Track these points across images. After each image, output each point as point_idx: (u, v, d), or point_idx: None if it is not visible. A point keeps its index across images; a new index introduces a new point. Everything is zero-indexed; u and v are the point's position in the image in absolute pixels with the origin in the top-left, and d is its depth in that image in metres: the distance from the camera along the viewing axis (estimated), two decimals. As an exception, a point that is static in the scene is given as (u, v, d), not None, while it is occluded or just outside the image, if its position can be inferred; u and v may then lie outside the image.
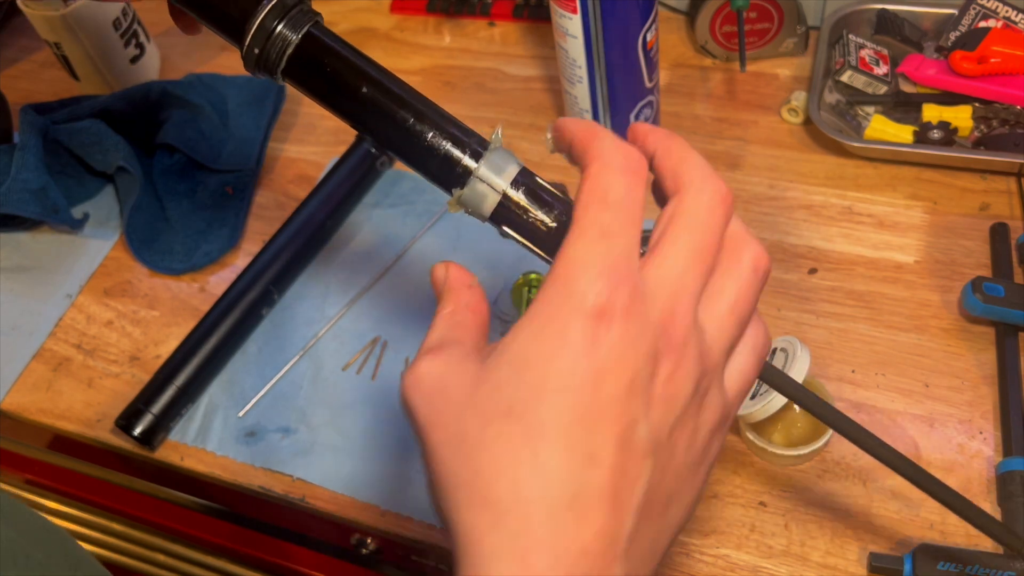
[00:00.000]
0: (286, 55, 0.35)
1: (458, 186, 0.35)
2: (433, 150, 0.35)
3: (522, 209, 0.34)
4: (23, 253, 0.75)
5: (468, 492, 0.27)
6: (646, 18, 0.61)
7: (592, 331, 0.26)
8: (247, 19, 0.35)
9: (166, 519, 0.60)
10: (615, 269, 0.27)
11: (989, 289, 0.55)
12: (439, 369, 0.29)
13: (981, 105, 0.66)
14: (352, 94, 0.35)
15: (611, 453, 0.26)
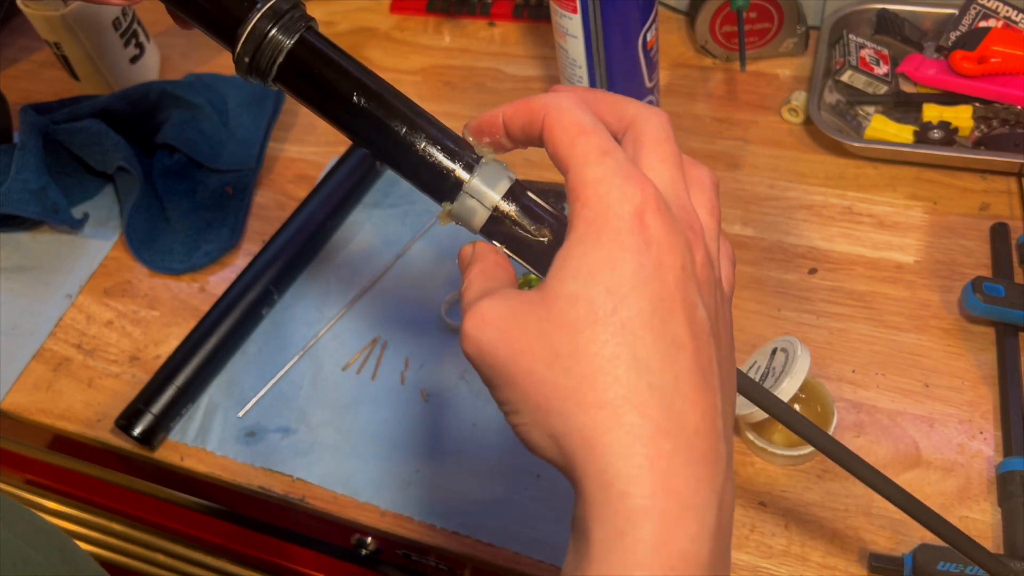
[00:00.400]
0: (277, 62, 0.35)
1: (449, 199, 0.35)
2: (424, 161, 0.35)
3: (513, 224, 0.34)
4: (23, 253, 0.75)
5: (577, 399, 0.27)
6: (646, 18, 0.61)
7: (640, 230, 0.28)
8: (240, 24, 0.34)
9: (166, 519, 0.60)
10: (632, 174, 0.29)
11: (989, 289, 0.55)
12: (501, 304, 0.30)
13: (981, 105, 0.66)
14: (344, 102, 0.35)
15: (688, 336, 0.28)
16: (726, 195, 0.67)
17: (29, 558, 0.41)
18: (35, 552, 0.41)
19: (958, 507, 0.51)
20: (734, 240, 0.65)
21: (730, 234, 0.65)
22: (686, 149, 0.71)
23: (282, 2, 0.35)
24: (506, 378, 0.29)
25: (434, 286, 0.66)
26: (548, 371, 0.28)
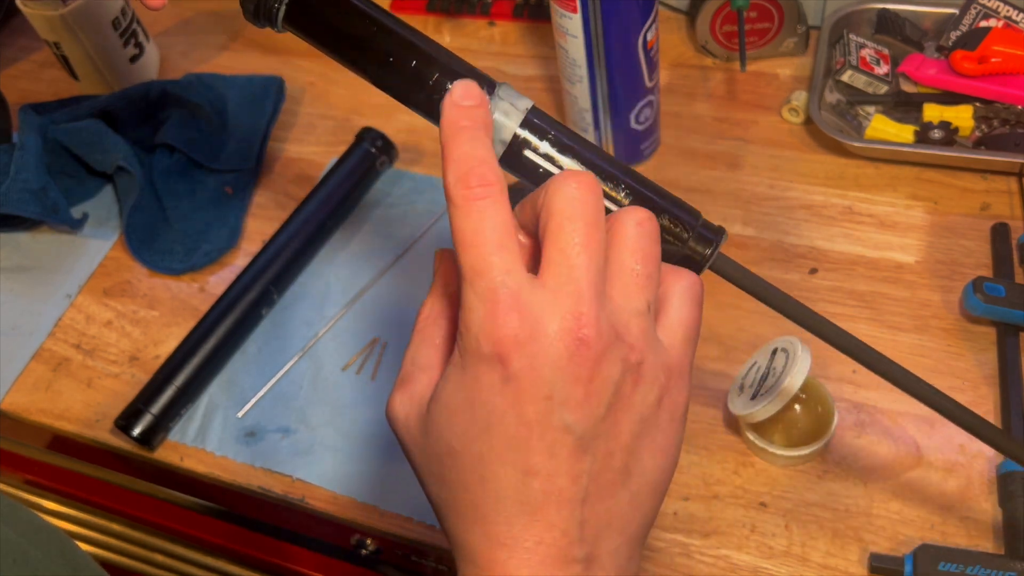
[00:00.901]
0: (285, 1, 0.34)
1: None
2: (439, 94, 0.33)
3: (532, 153, 0.33)
4: (23, 253, 0.74)
5: (443, 509, 0.32)
6: (646, 18, 0.61)
7: (496, 372, 0.29)
8: None
9: (165, 519, 0.60)
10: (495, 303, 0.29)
11: (990, 289, 0.55)
12: (404, 407, 0.33)
13: (982, 105, 0.66)
14: (354, 39, 0.34)
15: (545, 463, 0.29)
16: (727, 195, 0.67)
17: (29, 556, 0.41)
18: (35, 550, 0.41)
19: (959, 507, 0.51)
20: (735, 240, 0.65)
21: (731, 234, 0.65)
22: (687, 149, 0.71)
23: None
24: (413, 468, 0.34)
25: (434, 286, 0.66)
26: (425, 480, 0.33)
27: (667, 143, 0.72)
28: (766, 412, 0.50)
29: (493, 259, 0.29)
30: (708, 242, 0.34)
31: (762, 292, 0.35)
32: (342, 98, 0.81)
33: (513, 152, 0.33)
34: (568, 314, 0.29)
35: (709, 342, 0.59)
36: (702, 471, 0.54)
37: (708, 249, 0.34)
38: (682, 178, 0.69)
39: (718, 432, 0.55)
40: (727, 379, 0.57)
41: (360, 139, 0.72)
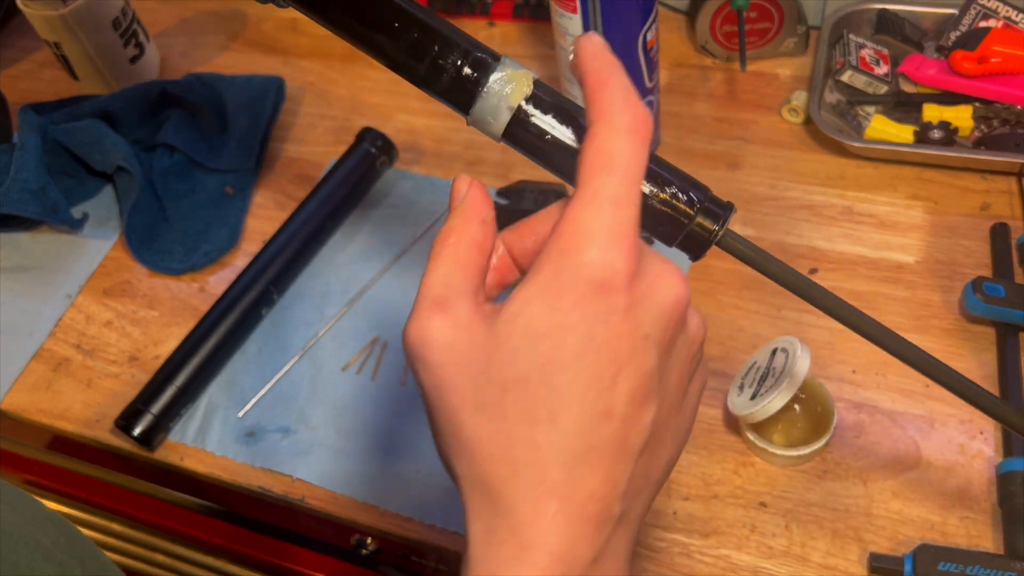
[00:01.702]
0: None
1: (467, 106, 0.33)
2: (440, 67, 0.33)
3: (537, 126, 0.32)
4: (22, 253, 0.74)
5: (486, 449, 0.28)
6: (646, 18, 0.61)
7: (605, 302, 0.27)
8: None
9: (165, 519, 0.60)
10: (623, 238, 0.28)
11: (990, 289, 0.55)
12: (449, 332, 0.29)
13: (981, 105, 0.66)
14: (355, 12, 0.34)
15: (623, 407, 0.28)
16: (726, 195, 0.66)
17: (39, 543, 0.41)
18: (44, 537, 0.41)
19: (958, 507, 0.51)
20: (734, 240, 0.65)
21: (730, 234, 0.65)
22: (687, 149, 0.71)
23: None
24: (432, 401, 0.30)
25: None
26: (470, 417, 0.28)
27: (667, 143, 0.72)
28: (765, 412, 0.50)
29: (632, 195, 0.28)
30: (716, 217, 0.33)
31: (771, 268, 0.34)
32: (342, 98, 0.81)
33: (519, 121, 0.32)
34: (667, 262, 0.29)
35: (709, 342, 0.59)
36: (702, 471, 0.54)
37: (716, 224, 0.33)
38: (682, 178, 0.69)
39: (718, 432, 0.56)
40: (727, 379, 0.57)
41: (360, 139, 0.72)
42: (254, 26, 0.90)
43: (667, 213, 0.32)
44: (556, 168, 0.33)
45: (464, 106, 0.33)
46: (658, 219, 0.32)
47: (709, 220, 0.33)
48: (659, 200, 0.32)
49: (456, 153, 0.74)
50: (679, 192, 0.32)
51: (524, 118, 0.32)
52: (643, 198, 0.31)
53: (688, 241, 0.33)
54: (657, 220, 0.32)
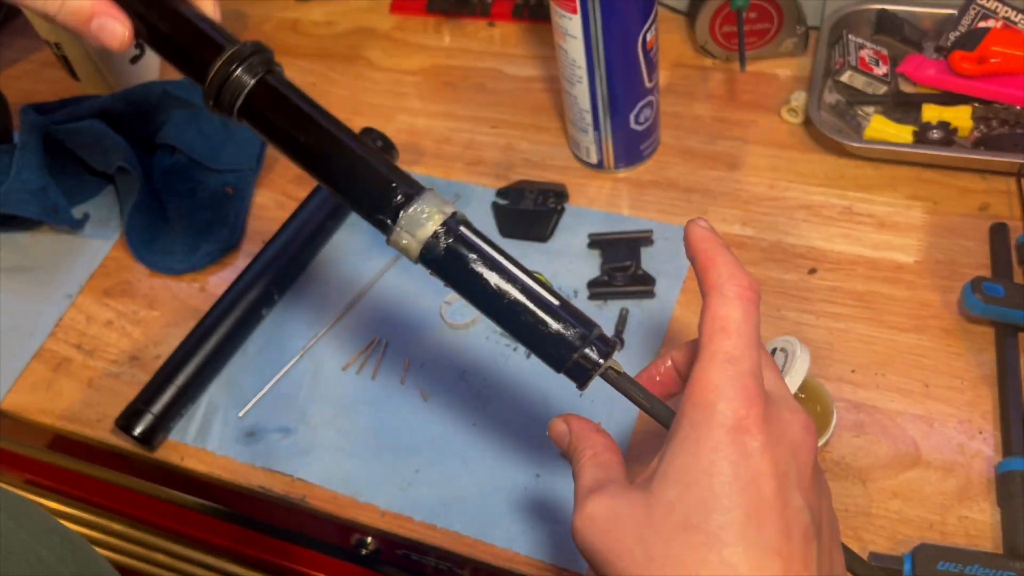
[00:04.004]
0: (239, 99, 0.38)
1: (388, 231, 0.38)
2: (367, 195, 0.37)
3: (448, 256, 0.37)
4: (23, 253, 0.75)
5: None
6: (646, 18, 0.61)
7: (741, 443, 0.31)
8: (208, 65, 0.38)
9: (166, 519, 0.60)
10: (746, 388, 0.32)
11: (989, 289, 0.55)
12: (607, 504, 0.33)
13: (981, 105, 0.66)
14: (297, 140, 0.38)
15: (783, 542, 0.30)
16: (726, 195, 0.67)
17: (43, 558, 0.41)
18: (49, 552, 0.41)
19: (958, 507, 0.51)
20: (734, 240, 0.65)
21: (730, 234, 0.65)
22: (686, 149, 0.71)
23: (245, 48, 0.38)
24: (607, 571, 0.32)
25: (434, 286, 0.66)
26: (638, 570, 0.31)
27: (667, 143, 0.72)
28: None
29: (749, 351, 0.32)
30: (602, 352, 0.36)
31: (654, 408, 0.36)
32: (342, 98, 0.81)
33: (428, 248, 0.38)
34: (797, 410, 0.34)
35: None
36: (702, 471, 0.54)
37: (601, 357, 0.36)
38: (681, 178, 0.69)
39: (717, 432, 0.56)
40: (726, 379, 0.57)
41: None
42: (255, 27, 0.90)
43: (558, 342, 0.35)
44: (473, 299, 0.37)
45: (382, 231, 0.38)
46: (548, 346, 0.36)
47: (595, 353, 0.36)
48: (551, 330, 0.35)
49: (456, 153, 0.74)
50: (571, 326, 0.36)
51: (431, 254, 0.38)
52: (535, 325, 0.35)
53: (574, 370, 0.36)
54: (547, 347, 0.36)
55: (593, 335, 0.36)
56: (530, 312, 0.36)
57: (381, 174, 0.37)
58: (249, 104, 0.38)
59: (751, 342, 0.33)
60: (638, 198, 0.69)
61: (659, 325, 0.61)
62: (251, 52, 0.38)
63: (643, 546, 0.31)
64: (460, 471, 0.56)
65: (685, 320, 0.61)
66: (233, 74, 0.38)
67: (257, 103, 0.38)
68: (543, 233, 0.67)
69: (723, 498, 0.30)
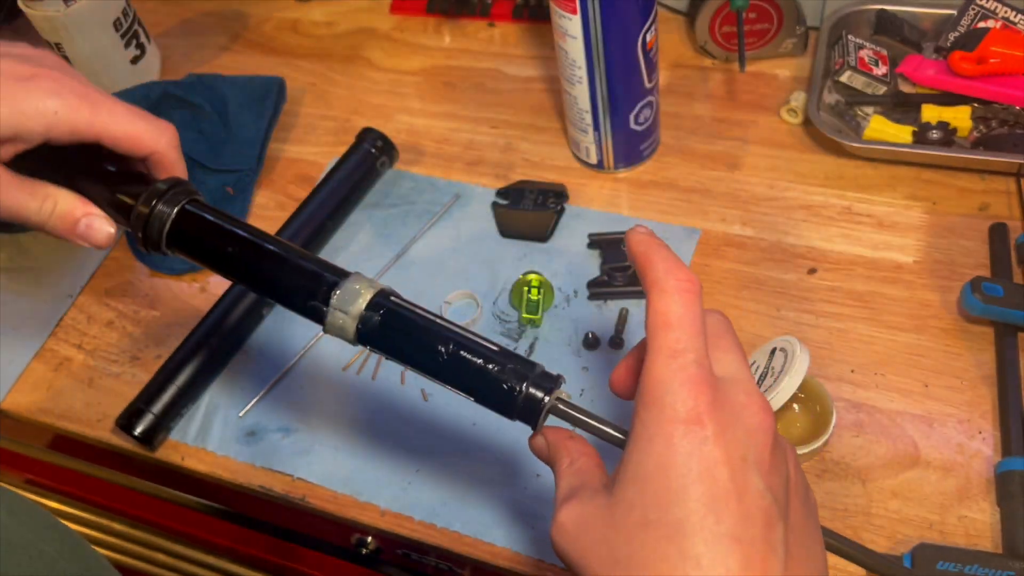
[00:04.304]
0: (164, 232, 0.41)
1: (323, 314, 0.38)
2: (298, 288, 0.39)
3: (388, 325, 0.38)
4: (24, 254, 0.75)
5: None
6: (646, 18, 0.61)
7: (692, 434, 0.31)
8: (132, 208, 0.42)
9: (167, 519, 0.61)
10: (691, 379, 0.32)
11: (988, 289, 0.55)
12: (575, 512, 0.34)
13: (980, 105, 0.66)
14: (223, 258, 0.41)
15: (743, 527, 0.30)
16: (726, 195, 0.68)
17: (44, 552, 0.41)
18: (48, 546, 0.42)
19: (957, 507, 0.51)
20: (733, 240, 0.65)
21: (729, 234, 0.65)
22: (686, 149, 0.71)
23: (162, 184, 0.42)
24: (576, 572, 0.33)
25: (434, 286, 0.66)
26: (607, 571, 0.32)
27: (666, 143, 0.72)
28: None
29: (693, 342, 0.32)
30: (545, 389, 0.36)
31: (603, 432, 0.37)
32: (342, 99, 0.81)
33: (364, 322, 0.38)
34: (753, 391, 0.33)
35: (708, 342, 0.60)
36: (701, 470, 0.54)
37: (545, 394, 0.36)
38: (681, 178, 0.69)
39: (717, 431, 0.56)
40: (726, 379, 0.57)
41: (360, 140, 0.72)
42: (255, 27, 0.90)
43: (500, 388, 0.36)
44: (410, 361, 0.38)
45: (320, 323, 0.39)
46: (494, 395, 0.37)
47: (539, 391, 0.36)
48: (492, 376, 0.36)
49: (456, 154, 0.74)
50: (511, 372, 0.36)
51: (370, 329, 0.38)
52: (479, 374, 0.36)
53: (524, 412, 0.37)
54: (493, 395, 0.37)
55: (535, 374, 0.37)
56: (472, 364, 0.37)
57: (308, 267, 0.39)
58: (175, 233, 0.41)
59: (694, 332, 0.33)
60: (638, 198, 0.69)
61: (659, 325, 0.61)
62: (169, 187, 0.41)
63: (608, 547, 0.32)
64: (460, 471, 0.56)
65: (685, 320, 0.61)
66: (155, 209, 0.41)
67: (183, 231, 0.41)
68: (543, 233, 0.67)
69: (678, 491, 0.30)
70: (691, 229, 0.66)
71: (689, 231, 0.66)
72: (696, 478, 0.30)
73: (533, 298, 0.61)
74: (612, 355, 0.60)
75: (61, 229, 0.43)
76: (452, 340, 0.37)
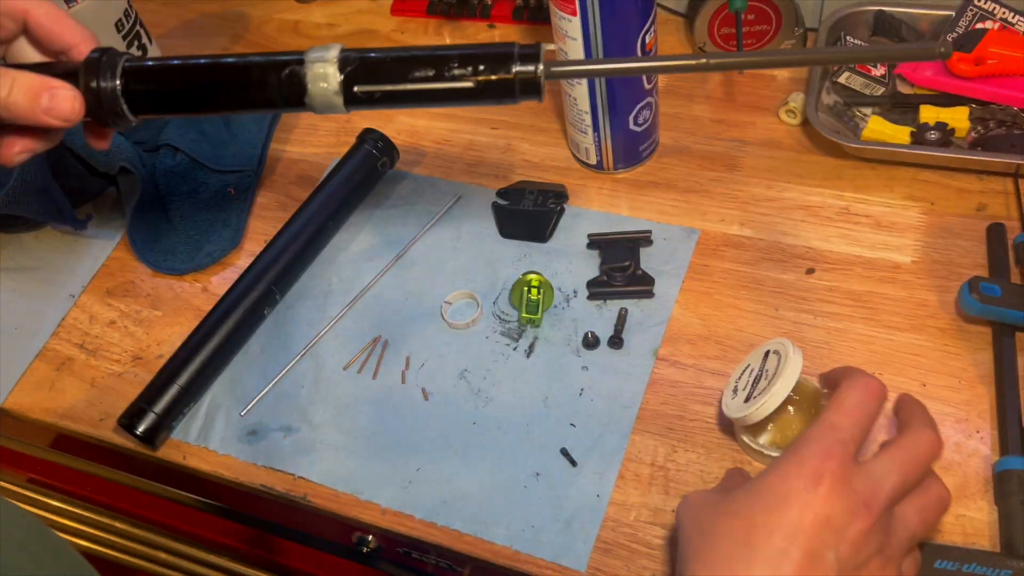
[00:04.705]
0: (122, 100, 0.39)
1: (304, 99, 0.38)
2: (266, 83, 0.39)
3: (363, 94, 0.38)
4: (26, 253, 0.75)
5: (698, 560, 0.41)
6: (645, 20, 0.61)
7: (810, 484, 0.39)
8: None
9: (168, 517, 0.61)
10: (832, 448, 0.40)
11: (986, 289, 0.55)
12: (701, 494, 0.45)
13: (978, 106, 0.67)
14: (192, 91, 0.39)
15: (800, 562, 0.38)
16: (724, 196, 0.68)
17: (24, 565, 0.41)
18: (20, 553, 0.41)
19: (955, 506, 0.51)
20: (732, 241, 0.65)
21: (728, 235, 0.65)
22: (685, 150, 0.71)
23: (93, 54, 0.40)
24: (680, 534, 0.44)
25: (435, 286, 0.66)
26: (693, 535, 0.42)
27: (665, 144, 0.72)
28: (759, 414, 0.50)
29: (851, 429, 0.41)
30: (533, 59, 0.38)
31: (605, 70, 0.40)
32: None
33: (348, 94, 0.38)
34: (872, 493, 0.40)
35: (707, 341, 0.60)
36: (700, 469, 0.54)
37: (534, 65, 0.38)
38: (680, 179, 0.70)
39: (715, 431, 0.56)
40: (724, 378, 0.58)
41: (361, 140, 0.72)
42: (256, 28, 0.91)
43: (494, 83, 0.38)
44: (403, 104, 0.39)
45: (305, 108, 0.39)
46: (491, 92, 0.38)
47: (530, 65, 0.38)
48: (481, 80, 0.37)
49: (456, 154, 0.74)
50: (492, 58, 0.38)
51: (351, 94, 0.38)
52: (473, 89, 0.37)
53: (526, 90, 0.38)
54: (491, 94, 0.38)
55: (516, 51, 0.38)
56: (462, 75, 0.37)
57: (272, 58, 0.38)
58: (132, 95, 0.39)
59: (857, 423, 0.42)
60: (637, 199, 0.69)
61: (658, 325, 0.61)
62: (101, 54, 0.40)
63: (703, 519, 0.42)
64: (460, 470, 0.57)
65: (684, 320, 0.61)
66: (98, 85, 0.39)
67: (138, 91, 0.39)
68: (543, 233, 0.67)
69: (772, 507, 0.39)
70: (690, 229, 0.66)
71: (688, 231, 0.66)
72: (790, 507, 0.39)
73: (533, 298, 0.61)
74: (611, 355, 0.60)
75: (24, 106, 0.40)
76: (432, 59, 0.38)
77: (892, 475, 0.41)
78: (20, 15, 0.43)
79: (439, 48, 0.38)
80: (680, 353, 0.60)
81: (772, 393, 0.50)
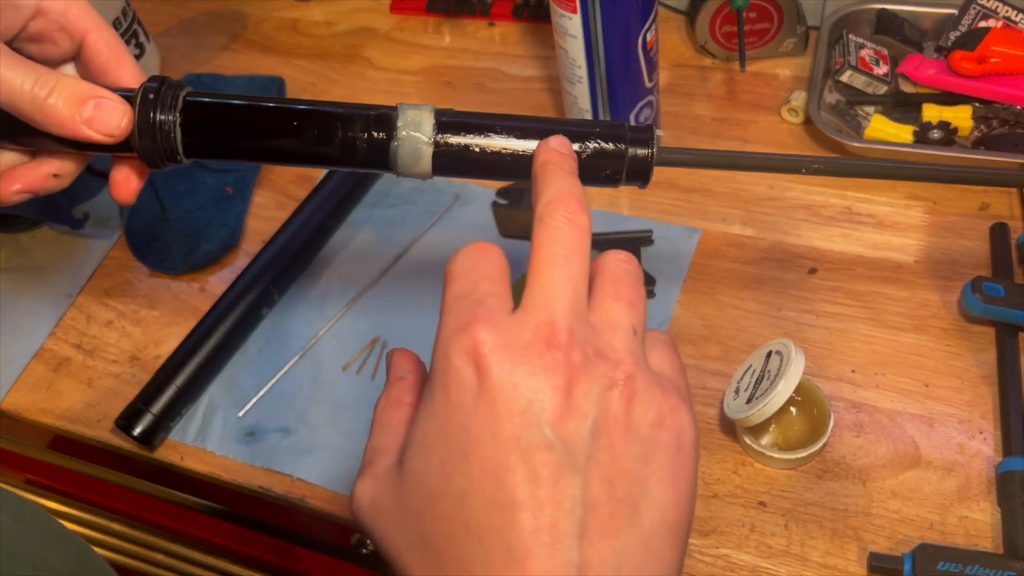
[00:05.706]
0: (178, 139, 0.35)
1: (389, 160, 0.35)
2: (352, 141, 0.35)
3: (457, 147, 0.34)
4: (23, 253, 0.75)
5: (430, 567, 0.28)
6: (646, 18, 0.61)
7: (468, 386, 0.27)
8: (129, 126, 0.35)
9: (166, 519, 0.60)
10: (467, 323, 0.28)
11: (989, 289, 0.55)
12: (368, 487, 0.30)
13: (981, 105, 0.66)
14: (254, 133, 0.35)
15: (528, 492, 0.26)
16: (726, 195, 0.67)
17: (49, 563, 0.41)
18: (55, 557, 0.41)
19: (958, 507, 0.51)
20: (734, 240, 0.65)
21: (730, 234, 0.65)
22: (686, 149, 0.71)
23: (151, 83, 0.35)
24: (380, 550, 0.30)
25: (434, 286, 0.66)
26: (405, 557, 0.28)
27: (666, 143, 0.71)
28: (761, 415, 0.50)
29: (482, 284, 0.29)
30: (645, 143, 0.36)
31: (712, 160, 0.39)
32: (342, 98, 0.81)
33: (440, 152, 0.35)
34: (542, 323, 0.28)
35: (709, 341, 0.60)
36: (701, 470, 0.54)
37: (647, 149, 0.36)
38: (681, 178, 0.69)
39: (717, 432, 0.56)
40: (726, 378, 0.57)
41: (360, 139, 0.72)
42: (254, 26, 0.90)
43: (603, 160, 0.36)
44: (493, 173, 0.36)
45: (386, 164, 0.35)
46: (599, 168, 0.36)
47: (641, 149, 0.36)
48: (592, 152, 0.35)
49: (456, 153, 0.74)
50: (603, 138, 0.36)
51: (443, 147, 0.34)
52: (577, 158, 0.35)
53: (633, 174, 0.37)
54: (599, 169, 0.36)
55: (628, 133, 0.36)
56: None
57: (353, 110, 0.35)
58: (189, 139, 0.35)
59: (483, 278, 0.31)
60: (638, 198, 0.69)
61: (659, 325, 0.61)
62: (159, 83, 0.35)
63: (400, 528, 0.28)
64: (460, 471, 0.56)
65: (685, 320, 0.61)
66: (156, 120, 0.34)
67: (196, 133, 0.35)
68: (543, 233, 0.67)
69: (460, 457, 0.26)
70: (692, 229, 0.66)
71: (690, 231, 0.65)
72: (474, 438, 0.26)
73: None
74: (612, 355, 0.60)
75: (63, 113, 0.34)
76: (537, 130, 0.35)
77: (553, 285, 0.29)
78: (79, 35, 0.38)
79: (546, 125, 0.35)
80: (681, 353, 0.59)
81: (775, 394, 0.49)
